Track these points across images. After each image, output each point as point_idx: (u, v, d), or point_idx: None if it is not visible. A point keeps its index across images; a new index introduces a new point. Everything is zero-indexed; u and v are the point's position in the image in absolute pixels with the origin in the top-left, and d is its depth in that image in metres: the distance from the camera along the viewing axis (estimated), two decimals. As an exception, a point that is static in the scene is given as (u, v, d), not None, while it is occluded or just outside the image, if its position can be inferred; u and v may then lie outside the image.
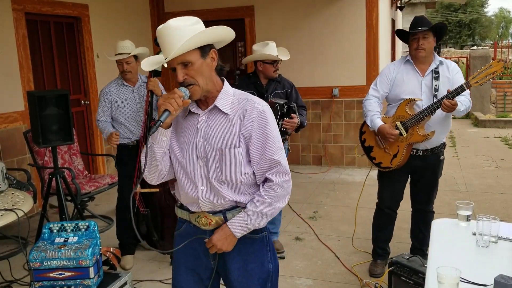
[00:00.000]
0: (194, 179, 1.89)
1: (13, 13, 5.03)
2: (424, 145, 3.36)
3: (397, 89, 3.42)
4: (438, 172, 3.50)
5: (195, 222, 1.94)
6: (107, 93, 3.85)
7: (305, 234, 4.49)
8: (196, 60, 1.76)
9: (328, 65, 6.88)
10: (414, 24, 3.32)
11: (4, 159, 4.88)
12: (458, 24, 34.71)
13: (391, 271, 2.86)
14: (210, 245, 1.89)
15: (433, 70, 3.35)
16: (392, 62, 3.57)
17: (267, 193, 1.86)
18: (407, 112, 3.31)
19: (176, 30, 1.73)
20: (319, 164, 7.19)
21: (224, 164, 1.84)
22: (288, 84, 3.94)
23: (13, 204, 2.95)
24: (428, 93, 3.33)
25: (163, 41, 1.75)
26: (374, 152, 3.54)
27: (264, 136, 1.84)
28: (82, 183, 4.59)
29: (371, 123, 3.43)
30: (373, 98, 3.48)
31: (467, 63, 12.14)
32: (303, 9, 6.92)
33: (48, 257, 2.50)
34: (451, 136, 9.51)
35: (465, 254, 2.06)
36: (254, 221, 1.87)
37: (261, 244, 1.99)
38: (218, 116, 1.86)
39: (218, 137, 1.85)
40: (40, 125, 3.44)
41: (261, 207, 1.86)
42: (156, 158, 1.85)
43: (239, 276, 1.97)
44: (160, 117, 1.73)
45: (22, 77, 5.16)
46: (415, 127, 3.29)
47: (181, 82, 1.77)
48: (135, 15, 7.10)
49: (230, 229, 1.86)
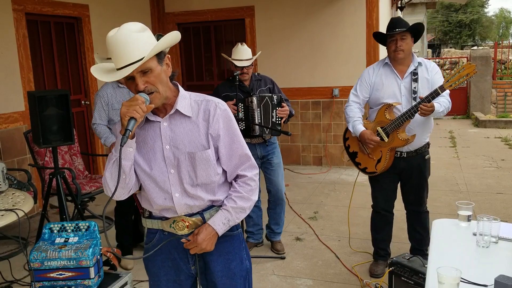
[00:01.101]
0: (166, 187, 1.84)
1: (13, 13, 5.03)
2: (408, 147, 3.36)
3: (377, 93, 3.42)
4: (425, 172, 3.49)
5: (170, 229, 1.89)
6: (103, 95, 3.84)
7: (305, 235, 4.49)
8: (155, 67, 1.72)
9: (329, 65, 6.88)
10: (391, 26, 3.31)
11: (4, 159, 4.88)
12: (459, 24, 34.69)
13: (392, 271, 2.86)
14: (193, 246, 1.84)
15: (412, 72, 3.35)
16: (371, 65, 3.56)
17: (243, 188, 1.89)
18: (386, 117, 3.32)
19: (131, 37, 1.66)
20: (319, 164, 7.19)
21: (197, 167, 1.82)
22: (269, 80, 4.04)
23: (14, 204, 2.96)
24: (407, 95, 3.33)
25: (118, 48, 1.66)
26: (358, 158, 3.55)
27: (231, 133, 1.87)
28: (82, 183, 4.58)
29: (353, 129, 3.44)
30: (354, 104, 3.49)
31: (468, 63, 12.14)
32: (304, 9, 6.92)
33: (48, 257, 2.50)
34: (451, 136, 9.51)
35: (465, 255, 2.05)
36: (234, 217, 1.88)
37: (238, 242, 2.00)
38: (181, 120, 1.83)
39: (186, 141, 1.82)
40: (40, 125, 3.44)
41: (240, 202, 1.88)
42: (124, 172, 1.77)
43: (223, 276, 1.95)
44: (127, 126, 1.66)
45: (23, 77, 5.16)
46: (395, 131, 3.29)
47: (141, 91, 1.70)
48: (135, 15, 7.10)
49: (214, 228, 1.85)
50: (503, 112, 11.64)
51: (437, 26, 35.62)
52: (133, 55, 1.65)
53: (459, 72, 3.13)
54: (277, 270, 3.77)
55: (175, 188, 1.84)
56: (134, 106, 1.66)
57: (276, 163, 3.99)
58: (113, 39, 1.66)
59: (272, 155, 3.96)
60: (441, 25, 35.46)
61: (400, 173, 3.49)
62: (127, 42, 1.65)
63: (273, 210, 4.08)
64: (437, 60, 14.32)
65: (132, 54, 1.65)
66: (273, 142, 3.99)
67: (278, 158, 4.02)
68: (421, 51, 20.97)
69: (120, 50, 1.66)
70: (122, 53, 1.66)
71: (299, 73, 7.00)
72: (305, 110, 7.09)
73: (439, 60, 14.35)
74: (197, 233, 1.84)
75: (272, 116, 3.78)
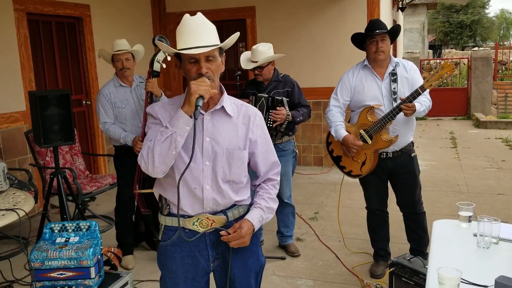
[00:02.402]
0: (199, 178, 1.87)
1: (14, 13, 5.04)
2: (393, 147, 3.36)
3: (358, 96, 3.42)
4: (414, 170, 3.47)
5: (193, 227, 1.90)
6: (106, 94, 3.83)
7: (306, 235, 4.49)
8: (218, 57, 1.84)
9: (330, 65, 6.88)
10: (371, 27, 3.31)
11: (5, 159, 4.89)
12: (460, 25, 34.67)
13: (392, 272, 2.86)
14: (236, 239, 1.85)
15: (391, 72, 3.35)
16: (350, 69, 3.55)
17: (272, 190, 2.01)
18: (369, 119, 3.32)
19: (208, 25, 1.81)
20: (320, 165, 7.19)
21: (232, 164, 1.90)
22: (291, 83, 3.93)
23: (14, 204, 2.96)
24: (388, 96, 3.34)
25: (194, 30, 1.78)
26: (343, 161, 3.55)
27: (267, 142, 2.00)
28: (83, 183, 4.59)
29: (336, 133, 3.44)
30: (335, 108, 3.50)
31: (469, 64, 12.13)
32: (305, 10, 6.92)
33: (49, 257, 2.50)
34: (452, 137, 9.51)
35: (466, 255, 2.05)
36: (266, 216, 1.96)
37: (255, 239, 2.04)
38: (223, 117, 1.91)
39: (226, 137, 1.89)
40: (41, 125, 3.44)
41: (271, 203, 1.99)
42: (177, 148, 1.77)
43: (240, 273, 1.99)
44: (197, 102, 1.72)
45: (24, 77, 5.17)
46: (378, 133, 3.29)
47: (202, 75, 1.79)
48: (136, 15, 7.11)
49: (253, 224, 1.89)
50: (504, 113, 11.63)
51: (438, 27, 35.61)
52: (206, 39, 1.78)
53: (438, 72, 3.14)
54: (278, 270, 3.77)
55: (206, 180, 1.88)
56: (204, 86, 1.74)
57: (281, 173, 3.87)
58: (192, 20, 1.80)
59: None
60: (442, 26, 35.46)
61: (389, 173, 3.49)
62: (204, 27, 1.80)
63: (280, 212, 4.06)
64: (438, 61, 14.31)
65: (205, 38, 1.78)
66: (282, 149, 3.82)
67: (284, 167, 3.73)
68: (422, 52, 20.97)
69: (196, 32, 1.78)
70: (197, 35, 1.77)
71: (300, 73, 6.98)
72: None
73: (440, 61, 14.35)
74: (239, 227, 1.86)
75: (264, 118, 3.73)
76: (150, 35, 7.30)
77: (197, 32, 1.78)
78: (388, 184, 3.58)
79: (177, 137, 1.74)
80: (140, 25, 7.16)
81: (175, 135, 1.74)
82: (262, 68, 3.83)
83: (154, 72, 3.76)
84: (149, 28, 7.41)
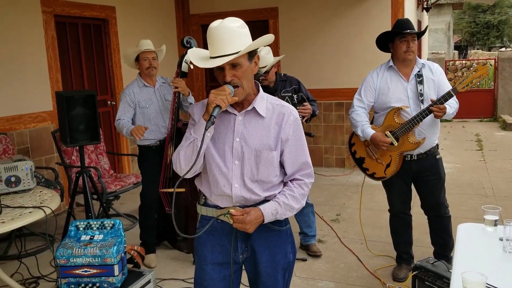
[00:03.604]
0: (228, 176, 1.94)
1: (42, 15, 5.16)
2: (418, 150, 3.31)
3: (383, 97, 3.37)
4: (439, 172, 3.42)
5: (224, 218, 1.96)
6: (130, 94, 3.87)
7: (327, 237, 4.47)
8: (244, 63, 1.86)
9: (353, 66, 6.83)
10: (402, 26, 3.26)
11: (32, 157, 5.00)
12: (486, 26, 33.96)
13: (415, 275, 2.82)
14: (238, 222, 1.89)
15: (416, 74, 3.30)
16: (374, 69, 3.50)
17: (297, 189, 1.98)
18: (395, 121, 3.27)
19: (231, 31, 1.80)
20: (342, 166, 7.14)
21: (260, 165, 1.93)
22: (295, 81, 4.02)
23: (41, 202, 3.02)
24: (414, 98, 3.28)
25: (217, 39, 1.80)
26: (366, 163, 3.51)
27: (298, 141, 1.99)
28: (108, 182, 4.66)
29: (363, 133, 3.38)
30: (360, 109, 3.45)
31: (495, 65, 11.88)
32: (327, 11, 6.89)
33: (74, 254, 2.55)
34: (477, 139, 9.33)
35: (491, 260, 2.02)
36: (282, 212, 1.96)
37: (285, 236, 2.08)
38: (255, 118, 1.95)
39: (255, 138, 1.93)
40: (67, 125, 3.51)
41: (292, 201, 1.97)
42: (199, 154, 1.85)
43: (267, 267, 2.03)
44: (213, 112, 1.78)
45: (51, 77, 5.28)
46: (405, 135, 3.25)
47: (227, 82, 1.84)
48: (161, 17, 7.19)
49: (263, 213, 1.91)
50: (532, 115, 11.35)
51: (464, 27, 34.95)
52: (229, 48, 1.79)
53: (472, 74, 3.08)
54: (299, 272, 3.77)
55: (235, 179, 1.94)
56: (222, 96, 1.79)
57: None
58: (215, 30, 1.81)
59: None
60: (468, 26, 34.79)
61: (413, 176, 3.44)
62: (226, 35, 1.79)
63: (300, 213, 4.05)
64: (464, 62, 14.06)
65: (228, 47, 1.79)
66: None
67: None
68: (447, 53, 20.63)
69: (219, 41, 1.80)
70: (219, 44, 1.80)
71: (323, 74, 6.97)
72: (328, 111, 7.05)
73: (466, 61, 14.09)
74: (247, 213, 1.89)
75: None
76: (174, 36, 7.38)
77: (219, 41, 1.80)
78: (411, 186, 3.54)
79: (198, 143, 1.85)
80: (164, 26, 7.23)
81: (196, 141, 1.86)
82: (268, 73, 3.90)
83: (182, 73, 3.81)
84: (173, 30, 7.48)
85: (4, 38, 4.79)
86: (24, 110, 5.00)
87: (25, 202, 3.03)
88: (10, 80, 4.86)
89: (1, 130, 4.69)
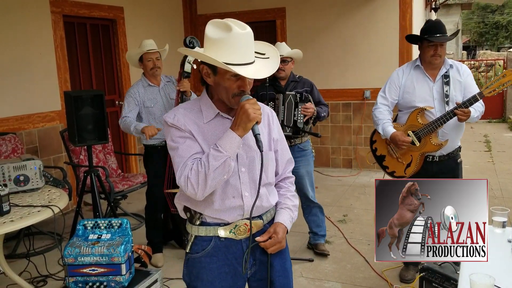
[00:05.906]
0: (237, 186, 1.81)
1: (51, 16, 5.19)
2: (440, 152, 3.28)
3: (408, 96, 3.34)
4: (459, 176, 3.40)
5: (230, 234, 1.84)
6: (135, 93, 3.91)
7: (334, 237, 4.46)
8: None
9: (360, 67, 6.81)
10: (433, 30, 3.19)
11: (41, 156, 5.04)
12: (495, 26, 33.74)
13: (423, 277, 2.81)
14: (273, 245, 1.84)
15: (443, 75, 3.26)
16: (400, 67, 3.48)
17: (291, 187, 2.03)
18: (419, 121, 3.25)
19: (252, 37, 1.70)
20: (349, 167, 7.13)
21: (269, 166, 1.88)
22: (309, 83, 3.96)
23: (50, 201, 3.04)
24: (439, 99, 3.25)
25: (245, 45, 1.67)
26: (386, 161, 3.49)
27: (283, 139, 2.01)
28: (115, 182, 4.69)
29: (383, 131, 3.37)
30: (383, 106, 3.42)
31: (504, 65, 11.80)
32: (335, 11, 6.88)
33: (82, 253, 2.56)
34: (486, 140, 9.27)
35: (499, 262, 2.00)
36: (294, 215, 1.97)
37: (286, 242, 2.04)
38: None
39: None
40: (76, 125, 3.53)
41: (295, 200, 2.01)
42: (229, 173, 1.72)
43: (280, 276, 1.96)
44: (255, 130, 1.69)
45: (60, 77, 5.31)
46: (428, 136, 3.22)
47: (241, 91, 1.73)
48: (168, 17, 7.21)
49: (286, 226, 1.90)
50: (542, 116, 11.27)
51: (473, 27, 34.74)
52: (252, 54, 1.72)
53: (499, 79, 3.06)
54: (306, 272, 3.76)
55: (245, 186, 1.82)
56: (259, 111, 1.69)
57: (303, 173, 3.86)
58: (244, 37, 1.66)
59: (298, 164, 3.71)
60: (477, 27, 34.58)
61: (431, 177, 3.42)
62: (251, 40, 1.69)
63: (309, 213, 4.05)
64: (472, 62, 13.97)
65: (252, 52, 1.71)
66: (302, 149, 3.87)
67: (306, 167, 3.88)
68: (455, 53, 20.51)
69: (247, 48, 1.68)
70: (247, 50, 1.68)
71: (330, 74, 6.96)
72: (335, 112, 7.04)
73: (474, 62, 14.01)
74: (274, 232, 1.86)
75: (294, 115, 3.74)
76: (181, 36, 7.39)
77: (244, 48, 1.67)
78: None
79: (231, 162, 1.69)
80: (171, 26, 7.25)
81: (229, 160, 1.68)
82: (287, 63, 3.84)
83: (185, 73, 3.82)
84: (180, 30, 7.50)
85: (13, 38, 4.83)
86: (33, 110, 5.04)
87: (33, 201, 3.05)
88: (19, 80, 4.89)
89: (10, 130, 4.73)
